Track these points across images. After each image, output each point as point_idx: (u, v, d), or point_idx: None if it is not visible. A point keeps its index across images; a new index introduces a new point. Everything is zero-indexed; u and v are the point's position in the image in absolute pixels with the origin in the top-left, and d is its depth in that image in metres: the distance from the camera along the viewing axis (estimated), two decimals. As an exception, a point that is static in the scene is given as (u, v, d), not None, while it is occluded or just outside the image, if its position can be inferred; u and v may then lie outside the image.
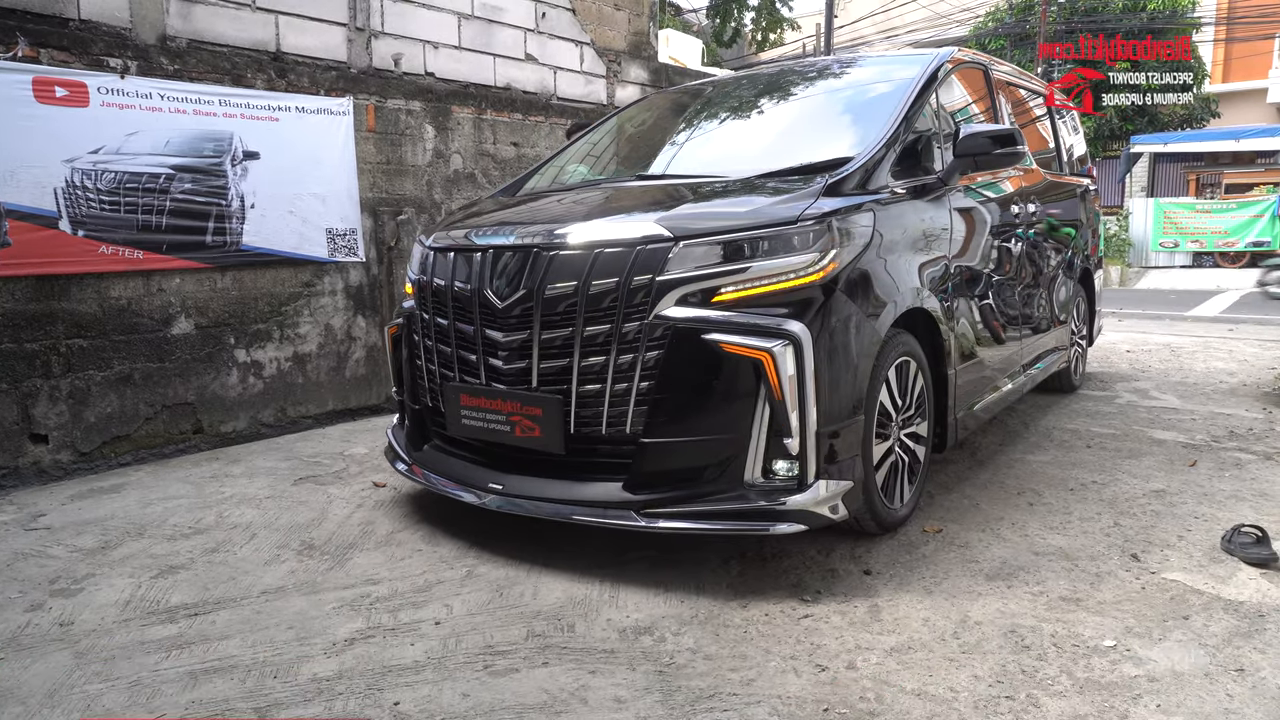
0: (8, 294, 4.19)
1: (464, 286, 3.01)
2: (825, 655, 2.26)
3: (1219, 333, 8.68)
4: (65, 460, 4.38)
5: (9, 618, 2.60)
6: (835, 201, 2.77)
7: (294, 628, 2.48)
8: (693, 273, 2.64)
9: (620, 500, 2.71)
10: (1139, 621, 2.40)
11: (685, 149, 3.77)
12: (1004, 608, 2.51)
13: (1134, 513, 3.30)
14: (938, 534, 3.11)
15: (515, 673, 2.20)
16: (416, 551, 3.07)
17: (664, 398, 2.65)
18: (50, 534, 3.35)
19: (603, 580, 2.77)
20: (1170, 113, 16.90)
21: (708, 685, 2.12)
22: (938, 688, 2.08)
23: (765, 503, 2.63)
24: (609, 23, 7.64)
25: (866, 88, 3.79)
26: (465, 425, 3.02)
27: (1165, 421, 4.73)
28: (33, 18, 4.26)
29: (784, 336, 2.55)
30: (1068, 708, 1.98)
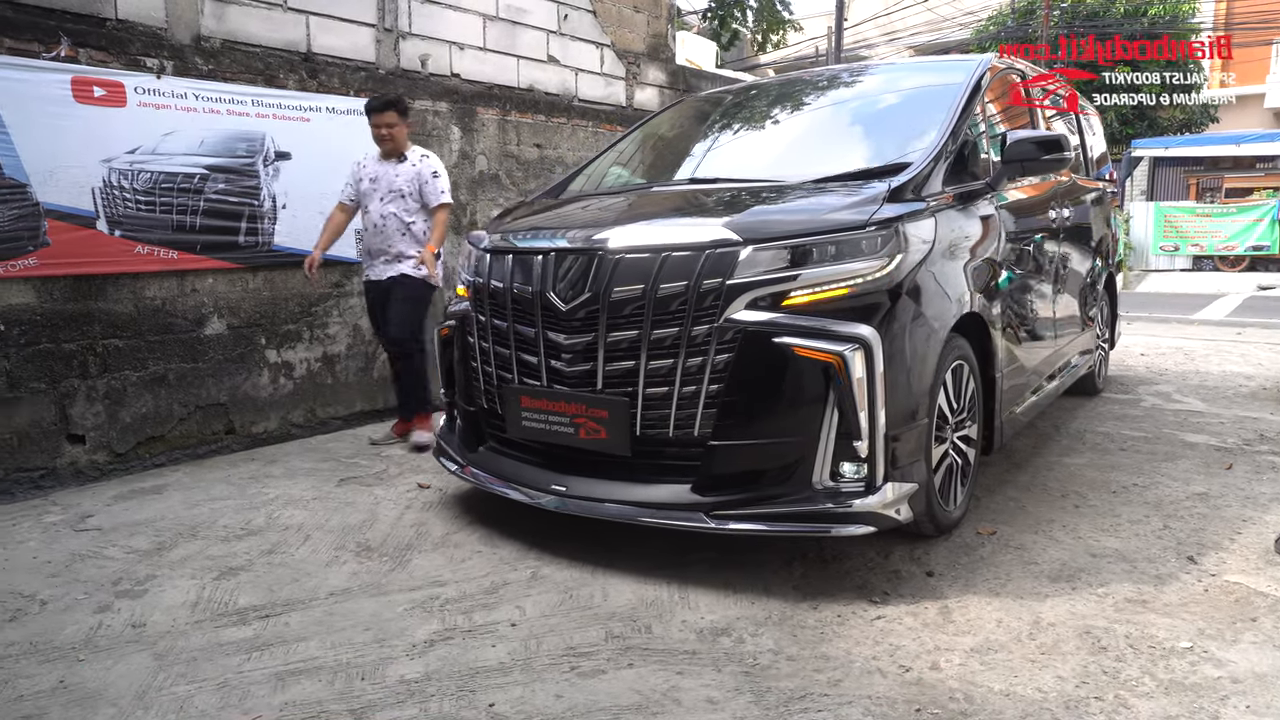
0: (46, 294, 4.18)
1: (524, 289, 3.02)
2: (906, 656, 2.29)
3: (1228, 336, 8.76)
4: (101, 461, 4.37)
5: (79, 619, 2.60)
6: (899, 207, 2.80)
7: (370, 629, 2.49)
8: (762, 276, 2.66)
9: (689, 502, 2.73)
10: (1209, 624, 2.44)
11: (733, 153, 3.80)
12: (1073, 609, 2.54)
13: (1181, 515, 3.34)
14: (992, 536, 3.14)
15: (602, 674, 2.21)
16: (476, 553, 3.07)
17: (734, 400, 2.67)
18: (102, 535, 3.34)
19: (669, 582, 2.78)
20: (1169, 117, 17.02)
21: (796, 686, 2.14)
22: (1025, 688, 2.11)
23: (833, 505, 2.65)
24: (628, 25, 7.66)
25: (911, 93, 3.82)
26: (526, 427, 3.03)
27: (1194, 425, 4.78)
28: (71, 17, 4.25)
29: (855, 340, 2.58)
30: (1157, 709, 2.01)
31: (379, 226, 4.57)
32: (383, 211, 4.56)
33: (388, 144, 4.54)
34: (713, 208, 3.03)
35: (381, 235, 4.58)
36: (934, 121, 3.33)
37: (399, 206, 4.57)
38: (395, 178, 4.57)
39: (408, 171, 4.58)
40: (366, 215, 4.63)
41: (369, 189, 4.60)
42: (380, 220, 4.57)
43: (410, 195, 4.57)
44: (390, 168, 4.59)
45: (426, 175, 4.59)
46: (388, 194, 4.57)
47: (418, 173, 4.58)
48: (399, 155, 4.61)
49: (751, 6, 22.18)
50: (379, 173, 4.60)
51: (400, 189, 4.56)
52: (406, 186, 4.57)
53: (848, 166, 3.25)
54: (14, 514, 3.64)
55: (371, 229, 4.61)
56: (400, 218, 4.56)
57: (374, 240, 4.61)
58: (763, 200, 3.01)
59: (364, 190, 4.62)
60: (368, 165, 4.67)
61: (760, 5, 21.93)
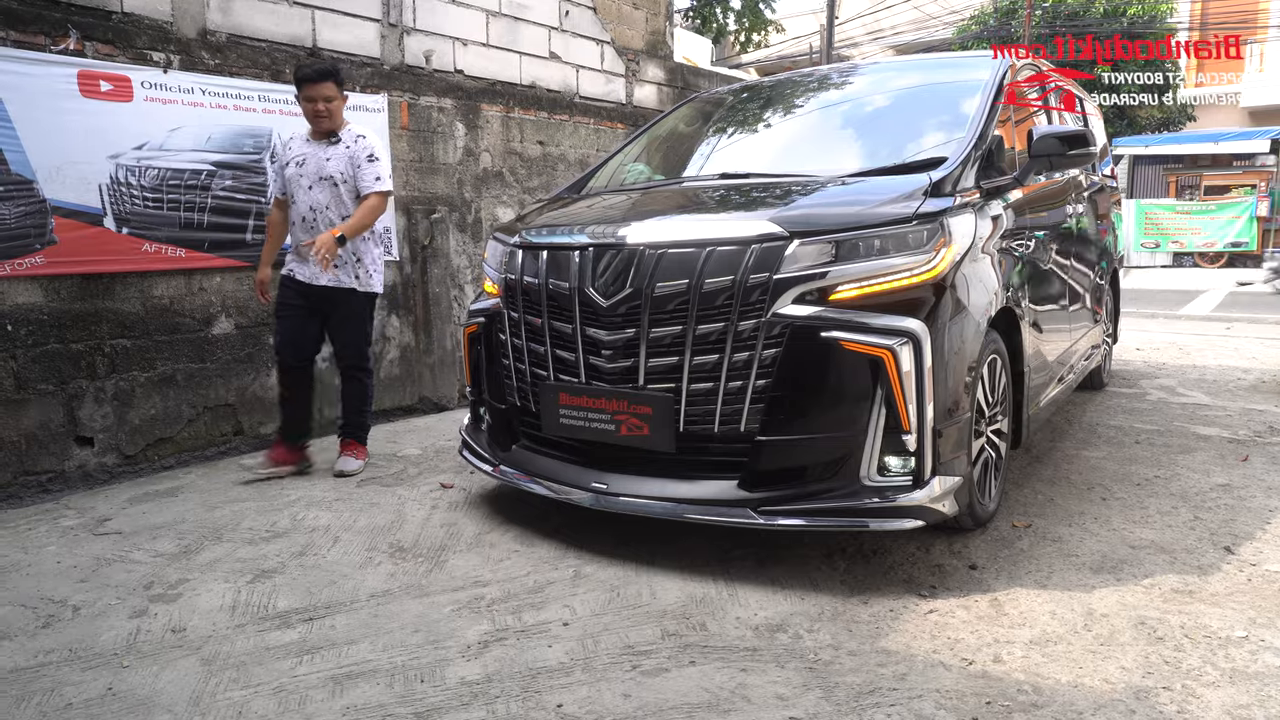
0: (54, 293, 4.08)
1: (561, 285, 2.98)
2: (967, 649, 2.28)
3: (1217, 331, 8.89)
4: (110, 463, 4.28)
5: (116, 624, 2.53)
6: (941, 201, 2.80)
7: (420, 631, 2.45)
8: (809, 271, 2.65)
9: (737, 498, 2.71)
10: (1259, 613, 2.46)
11: (760, 148, 3.79)
12: (1123, 600, 2.55)
13: (1208, 506, 3.37)
14: (1028, 529, 3.15)
15: (666, 672, 2.19)
16: (513, 552, 3.04)
17: (781, 395, 2.65)
18: (124, 539, 3.26)
19: (715, 579, 2.76)
20: (1148, 116, 17.27)
21: (863, 681, 2.13)
22: (1091, 679, 2.11)
23: (879, 500, 2.65)
24: (628, 22, 7.63)
25: (935, 89, 3.83)
26: (564, 424, 3.00)
27: (1203, 418, 4.83)
28: (77, 9, 4.15)
29: (903, 334, 2.57)
30: (1226, 698, 2.02)
31: (308, 221, 3.92)
32: (311, 203, 3.89)
33: (324, 122, 3.88)
34: (753, 202, 3.01)
35: (311, 232, 3.90)
36: (964, 117, 3.33)
37: (331, 197, 3.89)
38: (326, 162, 3.88)
39: (340, 154, 3.90)
40: (293, 207, 3.96)
41: (294, 175, 3.92)
42: (310, 214, 3.91)
43: (345, 183, 3.90)
44: (319, 149, 3.91)
45: (361, 158, 3.90)
46: (317, 181, 3.89)
47: (351, 155, 3.90)
48: (332, 134, 3.93)
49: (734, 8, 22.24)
50: (306, 154, 3.92)
51: (331, 175, 3.88)
52: (340, 172, 3.88)
53: (880, 161, 3.25)
54: (28, 518, 3.55)
55: (300, 223, 3.95)
56: (334, 211, 3.90)
57: (302, 236, 3.94)
58: (803, 194, 3.00)
59: (290, 176, 3.94)
60: (294, 146, 3.98)
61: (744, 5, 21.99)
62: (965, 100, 3.50)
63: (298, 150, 3.97)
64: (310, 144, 3.96)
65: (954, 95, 3.62)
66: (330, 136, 3.94)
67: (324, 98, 3.85)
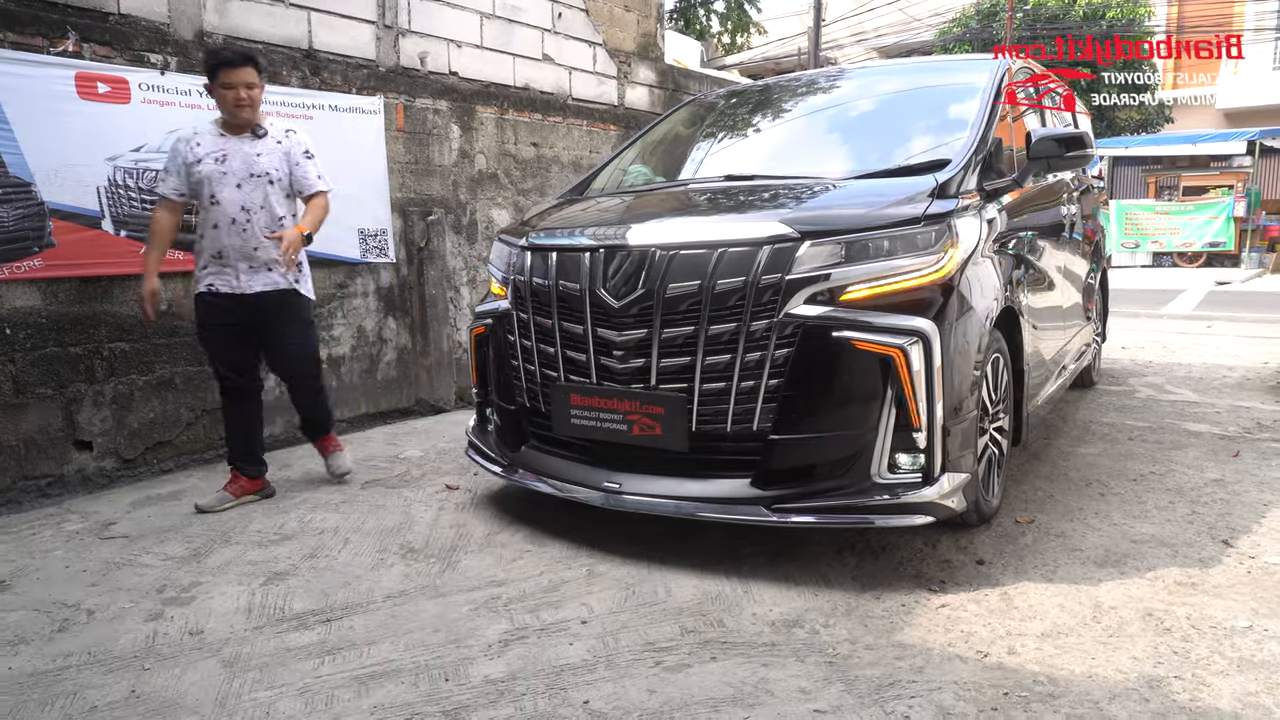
0: (52, 296, 4.05)
1: (571, 286, 3.01)
2: (981, 642, 2.33)
3: (1198, 329, 9.04)
4: (109, 467, 4.25)
5: (132, 627, 2.53)
6: (947, 203, 2.85)
7: (440, 630, 2.46)
8: (820, 271, 2.69)
9: (750, 496, 2.75)
10: (1260, 604, 2.52)
11: (763, 150, 3.83)
12: (1129, 593, 2.61)
13: (1204, 501, 3.44)
14: (1031, 524, 3.21)
15: (688, 668, 2.22)
16: (525, 552, 3.06)
17: (793, 395, 2.69)
18: (131, 543, 3.25)
19: (728, 576, 2.80)
20: (1127, 118, 17.51)
21: (882, 674, 2.17)
22: (1104, 669, 2.16)
23: (890, 496, 2.69)
24: (619, 24, 7.66)
25: (935, 90, 3.89)
26: (575, 425, 3.02)
27: (1193, 414, 4.93)
28: (74, 11, 4.13)
29: (914, 333, 2.62)
30: (1236, 686, 2.08)
31: (238, 223, 3.54)
32: (244, 202, 3.54)
33: (245, 113, 3.54)
34: (762, 203, 3.05)
35: (243, 235, 3.55)
36: (965, 119, 3.39)
37: (267, 195, 3.58)
38: (256, 158, 3.58)
39: (271, 149, 3.61)
40: (215, 208, 3.53)
41: (215, 172, 3.52)
42: (241, 215, 3.54)
43: (280, 181, 3.62)
44: (243, 144, 3.58)
45: (298, 155, 3.67)
46: (248, 179, 3.56)
47: (286, 152, 3.65)
48: (253, 129, 3.61)
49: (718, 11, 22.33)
50: (227, 150, 3.56)
51: (266, 172, 3.58)
52: (275, 169, 3.61)
53: (884, 163, 3.30)
54: (30, 522, 3.52)
55: (227, 226, 3.54)
56: (271, 211, 3.60)
57: (230, 240, 3.55)
58: (812, 196, 3.04)
59: (207, 174, 3.52)
60: (204, 141, 3.57)
61: (727, 7, 22.09)
62: (966, 102, 3.55)
63: (213, 145, 3.57)
64: (227, 139, 3.59)
65: (955, 97, 3.68)
66: (251, 130, 3.61)
67: (245, 84, 3.51)
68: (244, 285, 3.60)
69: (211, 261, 3.62)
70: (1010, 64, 3.94)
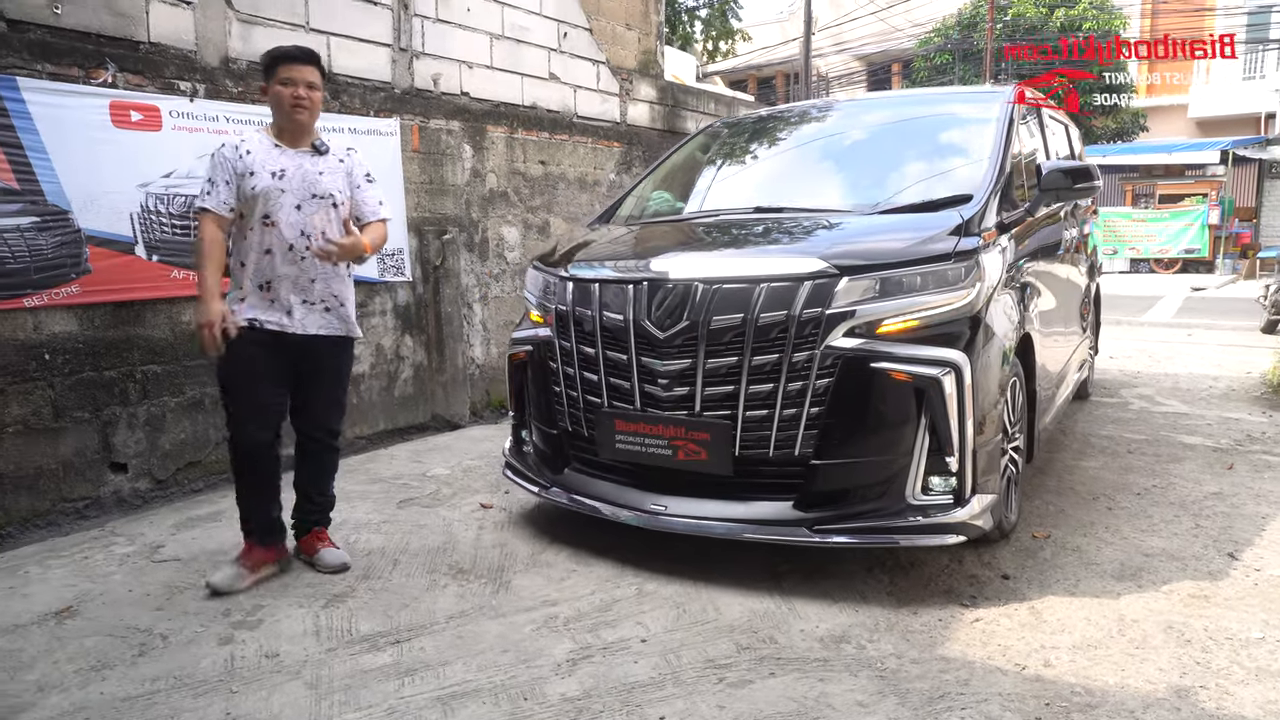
0: (88, 321, 4.13)
1: (616, 317, 3.15)
2: (1017, 655, 2.50)
3: (1179, 337, 9.34)
4: (143, 489, 4.33)
5: (208, 651, 2.64)
6: (973, 239, 3.02)
7: (508, 651, 2.59)
8: (858, 305, 2.86)
9: (793, 518, 2.91)
10: (1270, 615, 2.71)
11: (786, 179, 3.99)
12: (1148, 605, 2.79)
13: (1206, 514, 3.65)
14: (1047, 539, 3.39)
15: (750, 684, 2.37)
16: (572, 572, 3.19)
17: (834, 422, 2.85)
18: (185, 566, 3.35)
19: (770, 593, 2.95)
20: (1104, 126, 17.93)
21: (931, 687, 2.33)
22: (1135, 681, 2.34)
23: (923, 517, 2.86)
24: (621, 42, 7.81)
25: (948, 121, 4.07)
26: (620, 449, 3.16)
27: (1185, 427, 5.16)
28: (106, 40, 4.21)
29: (947, 364, 2.79)
30: (1258, 695, 2.26)
31: (295, 250, 3.06)
32: (304, 226, 3.05)
33: (303, 114, 3.04)
34: (798, 239, 3.22)
35: (300, 264, 3.07)
36: (982, 153, 3.57)
37: (329, 220, 3.11)
38: (319, 177, 3.09)
39: (335, 169, 3.14)
40: (268, 231, 3.04)
41: (272, 189, 3.02)
42: (300, 240, 3.05)
43: (342, 205, 3.13)
44: (302, 159, 3.10)
45: (360, 177, 3.22)
46: (309, 200, 3.07)
47: (348, 172, 3.18)
48: (313, 144, 3.14)
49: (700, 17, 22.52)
50: (285, 165, 3.06)
51: (330, 194, 3.10)
52: (339, 191, 3.13)
53: (905, 194, 3.47)
54: (80, 546, 3.60)
55: (282, 253, 3.05)
56: (330, 237, 3.10)
57: (285, 270, 3.06)
58: (845, 231, 3.21)
59: (264, 190, 3.01)
60: (258, 151, 3.06)
61: (710, 15, 22.29)
62: (979, 134, 3.74)
63: (268, 158, 3.05)
64: (284, 152, 3.09)
65: (969, 128, 3.87)
66: (311, 144, 3.14)
67: (306, 82, 3.03)
68: (295, 324, 3.09)
69: (255, 292, 3.09)
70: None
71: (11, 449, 3.86)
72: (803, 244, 3.13)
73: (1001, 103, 3.92)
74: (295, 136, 3.13)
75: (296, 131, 3.12)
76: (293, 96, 3.04)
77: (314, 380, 3.24)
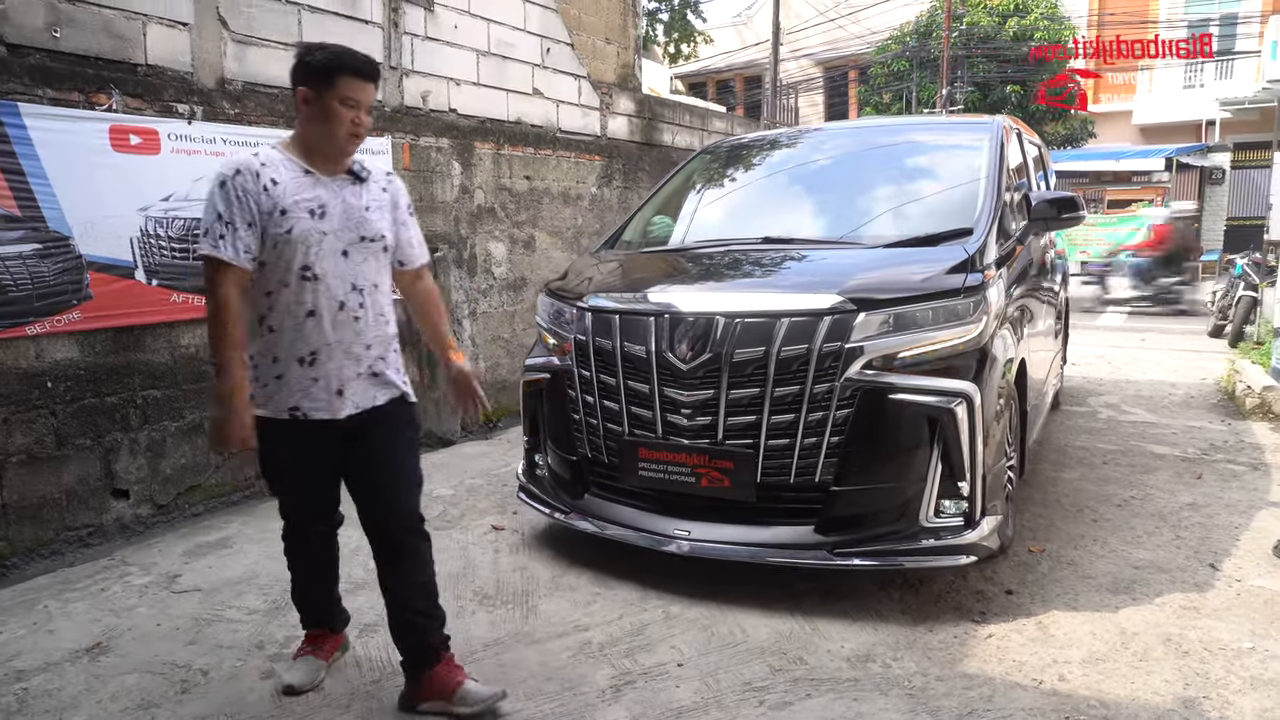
0: (89, 348, 4.10)
1: (637, 349, 3.25)
2: (1033, 670, 2.67)
3: (1133, 342, 9.75)
4: (145, 515, 4.31)
5: (253, 686, 2.68)
6: (978, 275, 3.19)
7: (551, 679, 2.68)
8: (874, 339, 3.00)
9: (814, 542, 3.04)
10: (1256, 625, 2.93)
11: (790, 208, 4.13)
12: (1145, 618, 2.99)
13: (1185, 525, 3.88)
14: (1043, 553, 3.58)
15: (789, 705, 2.49)
16: (596, 595, 3.29)
17: (853, 450, 3.00)
18: (208, 597, 3.36)
19: (792, 614, 3.08)
20: (1054, 131, 18.49)
21: (959, 704, 2.48)
22: (1143, 693, 2.52)
23: (936, 539, 3.02)
24: (600, 56, 7.90)
25: (941, 151, 4.24)
26: (643, 477, 3.27)
27: (1153, 436, 5.43)
28: (105, 64, 4.18)
29: (959, 395, 2.95)
30: (1255, 703, 2.46)
31: (347, 309, 2.40)
32: (355, 279, 2.41)
33: (357, 144, 2.40)
34: (813, 273, 3.35)
35: (355, 328, 2.42)
36: (978, 187, 3.75)
37: (380, 268, 2.50)
38: (365, 213, 2.44)
39: (379, 200, 2.50)
40: (310, 287, 2.36)
41: (310, 232, 2.35)
42: (352, 297, 2.41)
43: (391, 249, 2.54)
44: (346, 190, 2.43)
45: (404, 210, 2.60)
46: (358, 244, 2.43)
47: (393, 202, 2.55)
48: (351, 169, 2.46)
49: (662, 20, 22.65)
50: (328, 200, 2.39)
51: (381, 235, 2.48)
52: (389, 232, 2.51)
53: (910, 229, 3.63)
54: (94, 576, 3.59)
55: (331, 315, 2.38)
56: (384, 292, 2.53)
57: (337, 336, 2.39)
58: (858, 266, 3.35)
59: (300, 234, 2.33)
60: (287, 181, 2.35)
61: (671, 17, 22.43)
62: (973, 166, 3.91)
63: (300, 191, 2.35)
64: (317, 181, 2.39)
65: (961, 159, 4.04)
66: (348, 170, 2.45)
67: (368, 107, 2.42)
68: (347, 406, 2.43)
69: (295, 368, 2.37)
70: (1006, 125, 4.32)
71: (16, 479, 3.82)
72: (818, 278, 3.27)
73: (992, 135, 4.10)
74: (330, 162, 2.42)
75: (337, 156, 2.42)
76: (353, 124, 2.36)
77: (369, 460, 2.51)
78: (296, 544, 2.76)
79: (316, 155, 2.40)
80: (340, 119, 2.34)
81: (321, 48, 2.42)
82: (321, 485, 2.60)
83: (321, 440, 2.46)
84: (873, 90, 20.32)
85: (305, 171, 2.38)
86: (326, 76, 2.34)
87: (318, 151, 2.40)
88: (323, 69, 2.36)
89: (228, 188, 2.31)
